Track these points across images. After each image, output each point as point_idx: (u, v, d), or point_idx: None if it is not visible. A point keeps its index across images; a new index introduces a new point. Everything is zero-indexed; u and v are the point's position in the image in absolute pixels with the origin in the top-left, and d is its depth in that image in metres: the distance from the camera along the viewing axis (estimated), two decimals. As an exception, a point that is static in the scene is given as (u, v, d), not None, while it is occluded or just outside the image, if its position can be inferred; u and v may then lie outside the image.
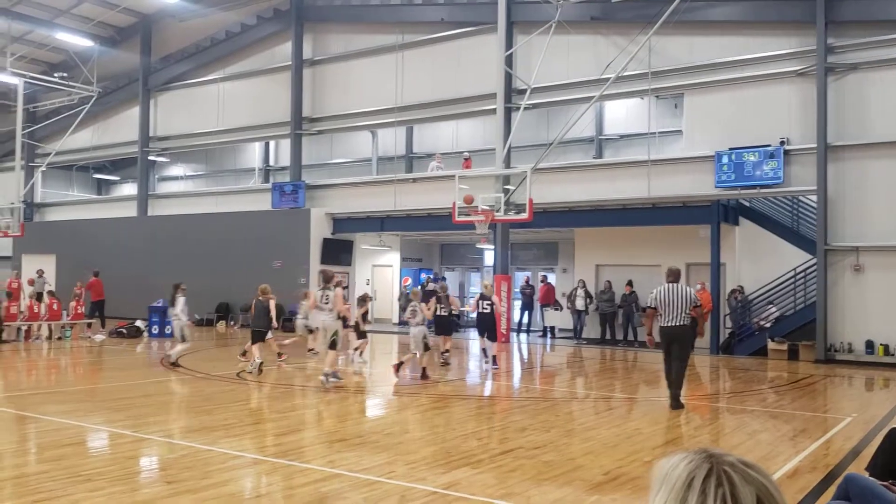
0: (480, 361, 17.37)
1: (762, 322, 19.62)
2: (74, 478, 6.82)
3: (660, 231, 21.73)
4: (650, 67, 20.00)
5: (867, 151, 18.13)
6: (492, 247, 23.36)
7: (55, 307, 22.03)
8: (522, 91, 21.43)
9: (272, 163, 34.54)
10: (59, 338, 21.58)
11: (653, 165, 20.16)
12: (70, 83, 30.24)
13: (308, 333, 17.79)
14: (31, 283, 28.07)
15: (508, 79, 22.09)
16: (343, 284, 15.32)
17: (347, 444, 8.75)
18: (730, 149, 19.08)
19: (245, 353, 15.91)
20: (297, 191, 26.99)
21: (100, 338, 21.63)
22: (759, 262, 20.79)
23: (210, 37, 30.70)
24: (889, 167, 17.84)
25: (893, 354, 17.61)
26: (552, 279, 26.63)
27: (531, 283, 26.46)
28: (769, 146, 18.62)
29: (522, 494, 6.64)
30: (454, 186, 20.01)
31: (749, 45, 19.67)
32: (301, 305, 18.35)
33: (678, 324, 11.11)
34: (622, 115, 26.38)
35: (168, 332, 22.24)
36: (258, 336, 15.16)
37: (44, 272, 29.24)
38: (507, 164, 21.44)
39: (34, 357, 18.15)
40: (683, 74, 20.44)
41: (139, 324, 22.88)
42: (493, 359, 16.23)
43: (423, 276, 29.32)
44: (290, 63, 27.75)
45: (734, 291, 20.33)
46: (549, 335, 25.00)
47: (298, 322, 18.58)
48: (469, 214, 19.31)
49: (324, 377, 13.00)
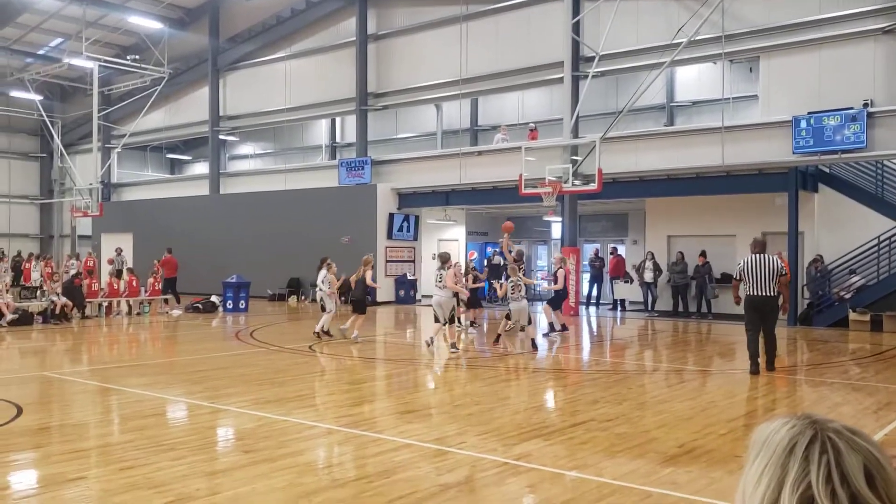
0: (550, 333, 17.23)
1: (842, 293, 18.98)
2: (157, 447, 7.02)
3: (734, 200, 21.13)
4: (724, 30, 19.34)
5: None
6: (559, 219, 23.08)
7: (134, 284, 22.74)
8: (590, 58, 21.00)
9: (338, 139, 34.83)
10: (139, 313, 22.27)
11: (727, 132, 19.56)
12: (142, 65, 30.89)
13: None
14: (111, 262, 29.02)
15: (576, 46, 21.71)
16: (456, 265, 15.81)
17: (418, 415, 8.79)
18: (809, 113, 18.37)
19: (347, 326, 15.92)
20: (364, 167, 27.13)
21: (177, 313, 22.24)
22: (840, 231, 20.03)
23: (276, 15, 30.98)
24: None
25: (984, 324, 16.87)
26: (622, 251, 26.25)
27: (600, 256, 26.12)
28: (851, 109, 17.87)
29: (595, 466, 6.55)
30: (520, 158, 19.83)
31: (830, 3, 18.87)
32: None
33: (767, 294, 11.24)
34: (694, 81, 25.69)
35: (242, 307, 22.86)
36: (358, 307, 15.64)
37: (122, 250, 30.17)
38: (575, 134, 21.14)
39: (115, 332, 18.73)
40: (759, 37, 19.75)
41: (214, 299, 23.40)
42: (551, 326, 17.06)
43: (489, 250, 29.23)
44: (355, 38, 27.81)
45: (815, 261, 19.69)
46: (620, 308, 24.66)
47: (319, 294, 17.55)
48: (536, 186, 19.14)
49: (452, 348, 13.93)
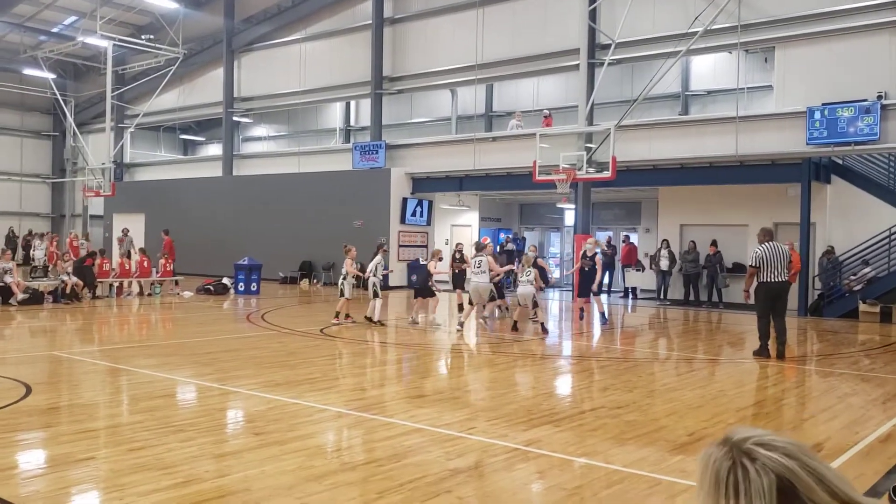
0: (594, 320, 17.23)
1: (853, 284, 18.92)
2: (166, 428, 7.07)
3: (747, 190, 21.06)
4: (740, 20, 19.23)
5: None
6: (573, 206, 23.03)
7: (145, 264, 22.82)
8: (606, 46, 20.93)
9: (353, 123, 34.81)
10: (149, 294, 22.38)
11: (741, 122, 19.47)
12: (156, 45, 30.91)
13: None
14: (121, 242, 29.01)
15: (592, 33, 21.59)
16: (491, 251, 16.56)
17: (429, 400, 8.83)
18: (823, 104, 18.25)
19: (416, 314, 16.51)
20: (378, 151, 27.12)
21: (188, 294, 22.35)
22: (852, 222, 19.96)
23: (291, -4, 30.91)
24: None
25: None
26: (634, 239, 26.19)
27: (613, 244, 26.08)
28: (865, 101, 17.74)
29: (604, 453, 6.59)
30: (534, 145, 19.80)
31: (846, -5, 18.73)
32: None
33: (783, 280, 11.91)
34: (709, 70, 25.55)
35: (254, 290, 22.96)
36: (423, 293, 16.39)
37: (129, 231, 29.95)
38: (590, 122, 21.05)
39: (125, 312, 18.84)
40: (775, 27, 19.60)
41: (226, 281, 23.48)
42: (602, 316, 17.03)
43: (502, 236, 29.24)
44: (371, 22, 27.71)
45: (827, 252, 19.62)
46: (631, 296, 24.65)
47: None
48: (550, 173, 19.11)
49: (485, 321, 15.86)
